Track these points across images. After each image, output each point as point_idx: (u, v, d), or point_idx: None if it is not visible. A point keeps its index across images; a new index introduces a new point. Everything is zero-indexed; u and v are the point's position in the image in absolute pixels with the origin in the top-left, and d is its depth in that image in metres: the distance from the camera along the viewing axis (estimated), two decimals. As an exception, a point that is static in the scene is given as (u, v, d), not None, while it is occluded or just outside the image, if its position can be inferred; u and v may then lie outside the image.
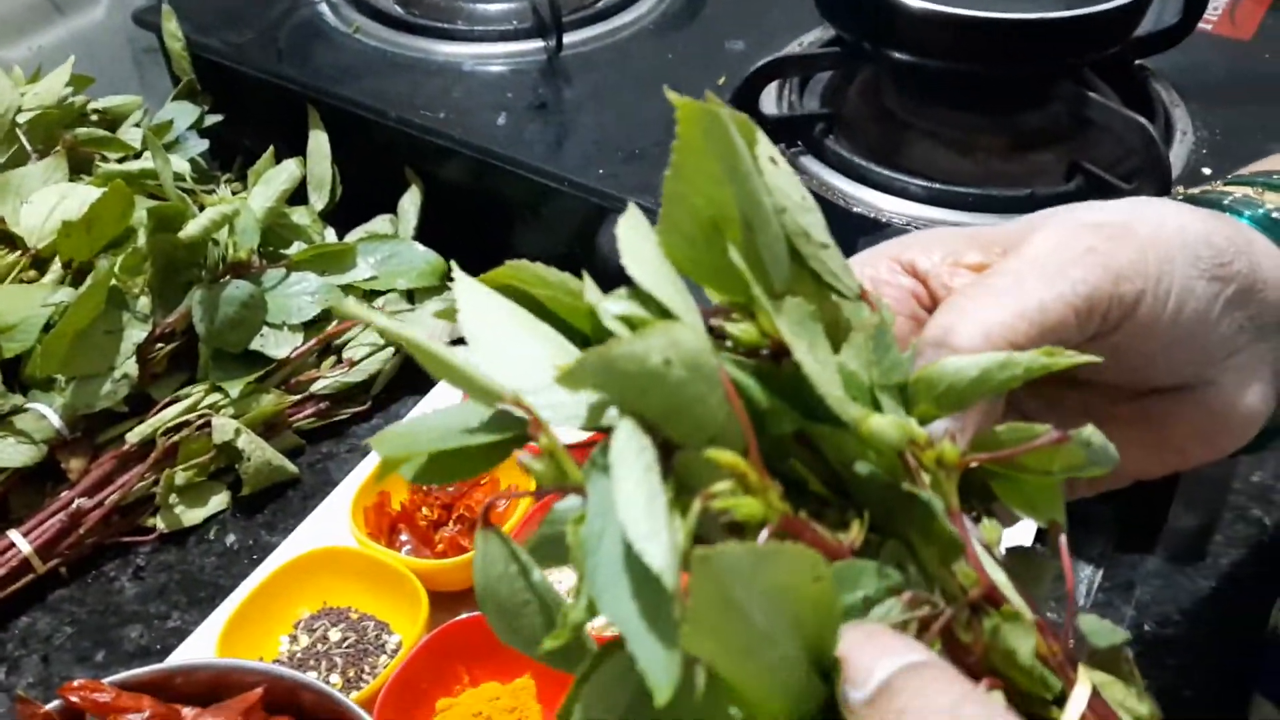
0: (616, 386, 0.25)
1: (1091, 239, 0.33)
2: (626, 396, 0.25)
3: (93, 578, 0.75)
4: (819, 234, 0.30)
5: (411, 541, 0.72)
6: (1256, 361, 0.36)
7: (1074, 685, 0.27)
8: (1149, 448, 0.37)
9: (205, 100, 0.99)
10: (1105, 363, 0.34)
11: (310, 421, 0.82)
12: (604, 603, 0.23)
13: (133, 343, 0.77)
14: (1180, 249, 0.33)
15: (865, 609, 0.26)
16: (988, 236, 0.36)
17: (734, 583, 0.23)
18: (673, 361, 0.25)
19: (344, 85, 0.92)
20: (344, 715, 0.55)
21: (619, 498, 0.23)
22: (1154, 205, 0.35)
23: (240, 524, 0.78)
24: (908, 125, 0.82)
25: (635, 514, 0.23)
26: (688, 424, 0.26)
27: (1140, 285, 0.33)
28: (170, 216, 0.78)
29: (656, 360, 0.24)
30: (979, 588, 0.27)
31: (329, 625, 0.68)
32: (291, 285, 0.82)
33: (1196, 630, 0.67)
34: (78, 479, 0.75)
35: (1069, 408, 0.38)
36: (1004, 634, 0.27)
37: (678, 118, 0.27)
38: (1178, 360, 0.35)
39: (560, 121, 0.87)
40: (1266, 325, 0.36)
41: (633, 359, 0.24)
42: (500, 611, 0.28)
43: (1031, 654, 0.27)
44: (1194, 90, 0.85)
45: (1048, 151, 0.80)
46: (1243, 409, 0.37)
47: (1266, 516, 0.73)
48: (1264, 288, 0.35)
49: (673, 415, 0.25)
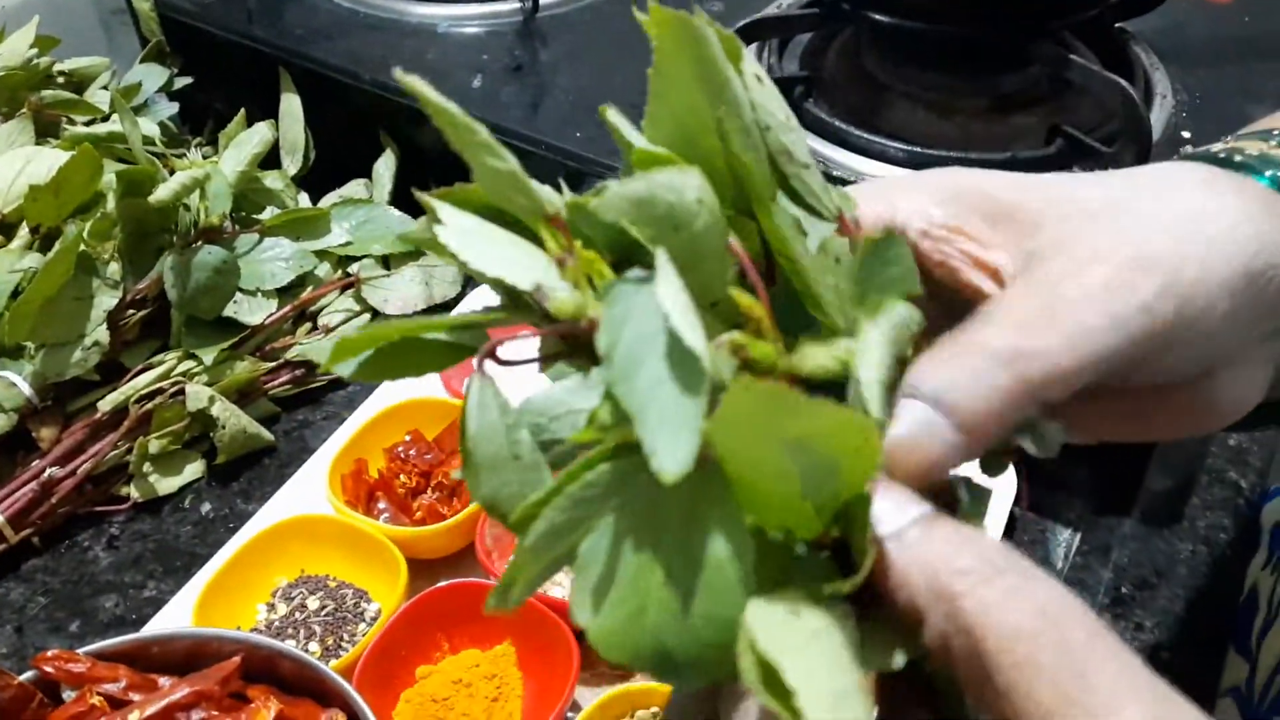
0: (651, 219, 0.25)
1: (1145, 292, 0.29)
2: (661, 233, 0.25)
3: (66, 547, 0.74)
4: (801, 154, 0.29)
5: (389, 509, 0.71)
6: (1258, 354, 0.34)
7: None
8: (1131, 419, 0.36)
9: (175, 62, 0.98)
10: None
11: (286, 389, 0.81)
12: (629, 390, 0.23)
13: (103, 309, 0.76)
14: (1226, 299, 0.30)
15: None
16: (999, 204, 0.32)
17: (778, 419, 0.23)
18: (704, 202, 0.25)
19: (316, 46, 0.91)
20: (322, 683, 0.55)
21: (661, 290, 0.23)
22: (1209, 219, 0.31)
23: (216, 492, 0.77)
24: (887, 88, 0.82)
25: (679, 310, 0.23)
26: (704, 276, 0.26)
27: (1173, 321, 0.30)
28: (139, 181, 0.77)
29: (692, 196, 0.25)
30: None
31: (307, 593, 0.67)
32: (265, 251, 0.81)
33: (1173, 592, 0.67)
34: (49, 448, 0.74)
35: None
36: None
37: (652, 23, 0.27)
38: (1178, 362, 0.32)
39: (537, 84, 0.86)
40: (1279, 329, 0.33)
41: (672, 189, 0.24)
42: (487, 465, 0.27)
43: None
44: (1174, 53, 0.85)
45: (1028, 114, 0.80)
46: (1233, 401, 0.35)
47: (1242, 479, 0.73)
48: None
49: (694, 264, 0.25)
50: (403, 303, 0.83)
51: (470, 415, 0.27)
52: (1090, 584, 0.68)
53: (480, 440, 0.27)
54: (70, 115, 0.88)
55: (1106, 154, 0.72)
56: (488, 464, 0.27)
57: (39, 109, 0.86)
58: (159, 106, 0.94)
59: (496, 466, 0.27)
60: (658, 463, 0.22)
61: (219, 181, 0.80)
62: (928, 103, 0.80)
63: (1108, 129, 0.76)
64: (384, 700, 0.61)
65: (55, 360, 0.74)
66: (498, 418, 0.27)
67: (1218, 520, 0.71)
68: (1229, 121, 0.81)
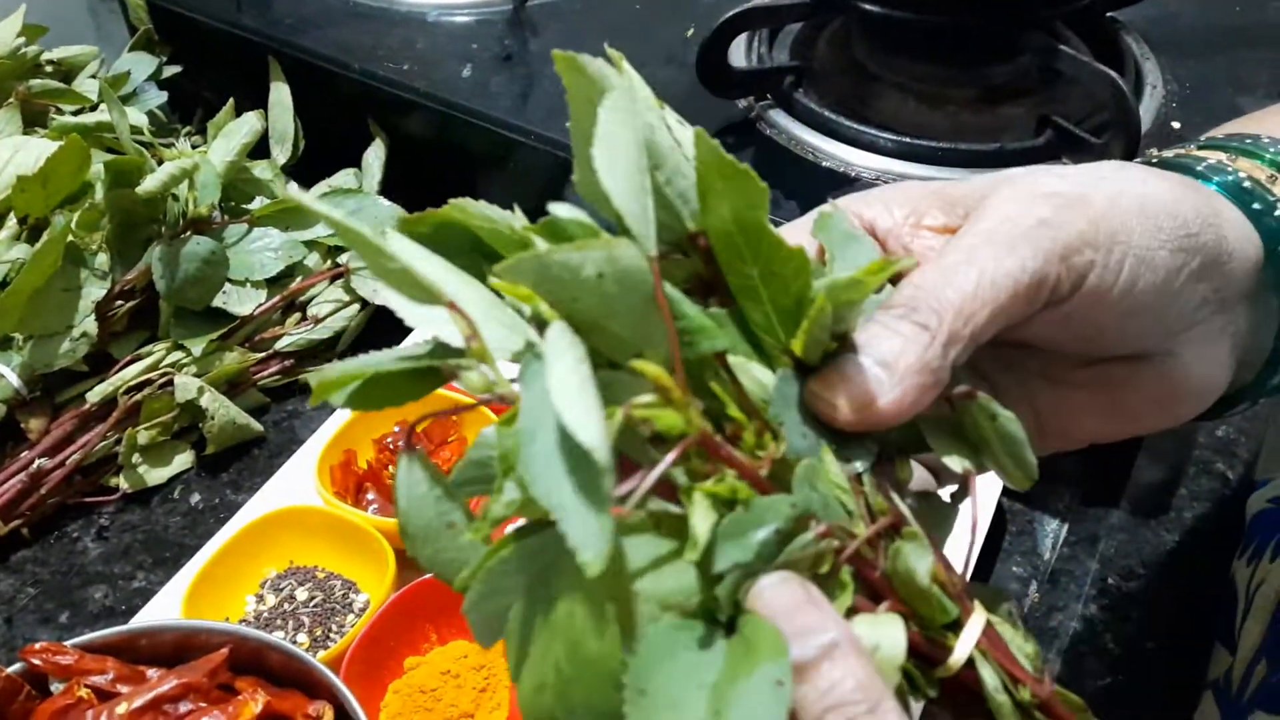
0: (549, 289, 0.25)
1: (1044, 210, 0.32)
2: (559, 301, 0.26)
3: (55, 538, 0.74)
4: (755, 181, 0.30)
5: (378, 500, 0.71)
6: (1218, 333, 0.36)
7: (970, 614, 0.29)
8: (1105, 413, 0.37)
9: (164, 51, 0.97)
10: (1057, 331, 0.34)
11: (275, 379, 0.81)
12: (538, 483, 0.24)
13: (91, 300, 0.76)
14: (1139, 219, 0.33)
15: (779, 543, 0.27)
16: (951, 195, 0.35)
17: None
18: (606, 276, 0.25)
19: (305, 36, 0.90)
20: (310, 675, 0.55)
21: (553, 382, 0.24)
22: (1118, 173, 0.34)
23: (205, 483, 0.77)
24: (877, 78, 0.81)
25: (569, 397, 0.23)
26: (614, 338, 0.26)
27: (1090, 257, 0.32)
28: (128, 171, 0.77)
29: (590, 272, 0.25)
30: (889, 516, 0.29)
31: (296, 585, 0.67)
32: (254, 241, 0.81)
33: (1159, 583, 0.67)
34: (38, 439, 0.74)
35: (1029, 371, 0.38)
36: (904, 554, 0.28)
37: (560, 68, 0.28)
38: (1134, 330, 0.34)
39: (527, 73, 0.86)
40: (1230, 297, 0.35)
41: (566, 267, 0.25)
42: (421, 535, 0.28)
43: (929, 575, 0.28)
44: (1165, 43, 0.85)
45: (1018, 105, 0.80)
46: (1201, 380, 0.36)
47: (1230, 470, 0.73)
48: (1230, 260, 0.35)
49: (600, 326, 0.26)
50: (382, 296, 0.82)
51: (400, 491, 0.28)
52: (1077, 575, 0.68)
53: (412, 514, 0.28)
54: (58, 105, 0.88)
55: (1096, 145, 0.71)
56: (422, 535, 0.28)
57: (27, 98, 0.85)
58: (148, 95, 0.94)
59: (430, 537, 0.28)
60: (580, 556, 0.23)
61: (207, 171, 0.79)
62: (918, 93, 0.80)
63: (1098, 120, 0.76)
64: (372, 691, 0.61)
65: (44, 351, 0.74)
66: (427, 490, 0.28)
67: (1204, 511, 0.71)
68: (1219, 112, 0.81)
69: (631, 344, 0.27)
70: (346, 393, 0.29)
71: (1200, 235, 0.34)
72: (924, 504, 0.33)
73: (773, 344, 0.30)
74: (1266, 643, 0.51)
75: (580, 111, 0.29)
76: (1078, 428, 0.38)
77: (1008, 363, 0.38)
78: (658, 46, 0.86)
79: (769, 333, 0.29)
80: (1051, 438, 0.38)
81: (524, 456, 0.24)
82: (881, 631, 0.27)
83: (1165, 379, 0.36)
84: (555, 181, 0.81)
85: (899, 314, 0.31)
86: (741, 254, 0.29)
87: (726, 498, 0.27)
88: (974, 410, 0.31)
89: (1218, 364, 0.36)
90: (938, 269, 0.31)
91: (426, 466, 0.28)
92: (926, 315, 0.30)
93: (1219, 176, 0.37)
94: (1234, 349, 0.36)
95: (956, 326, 0.30)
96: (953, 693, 0.29)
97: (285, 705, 0.54)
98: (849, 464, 0.30)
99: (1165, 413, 0.37)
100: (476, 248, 0.30)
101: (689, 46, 0.80)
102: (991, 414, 0.31)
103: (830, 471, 0.29)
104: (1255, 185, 0.37)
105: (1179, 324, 0.35)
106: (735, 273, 0.29)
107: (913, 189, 0.36)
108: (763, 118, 0.80)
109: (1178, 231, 0.33)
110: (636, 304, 0.26)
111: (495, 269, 0.25)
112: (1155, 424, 0.37)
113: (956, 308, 0.30)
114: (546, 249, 0.25)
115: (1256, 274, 0.36)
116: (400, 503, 0.28)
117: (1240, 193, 0.37)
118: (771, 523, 0.26)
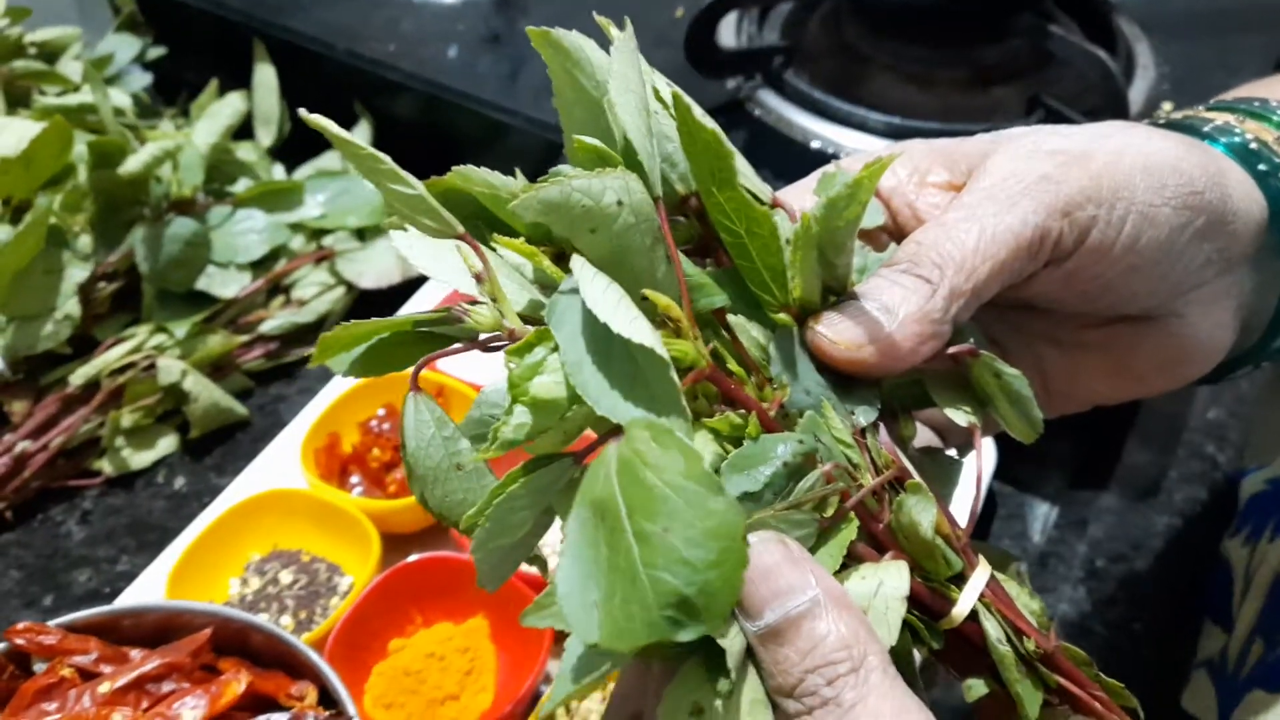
0: (567, 222, 0.25)
1: (1046, 166, 0.32)
2: (575, 233, 0.26)
3: (39, 522, 0.73)
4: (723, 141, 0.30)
5: (363, 483, 0.71)
6: (1222, 294, 0.35)
7: (974, 568, 0.29)
8: (1111, 374, 0.37)
9: (148, 32, 0.96)
10: (1062, 289, 0.33)
11: (260, 363, 0.80)
12: (601, 401, 0.24)
13: (74, 283, 0.75)
14: (1143, 175, 0.32)
15: (787, 477, 0.27)
16: (955, 152, 0.35)
17: None
18: (625, 204, 0.25)
19: (290, 17, 0.90)
20: (294, 656, 0.54)
21: (593, 299, 0.24)
22: (1122, 131, 0.34)
23: (189, 467, 0.76)
24: (868, 59, 0.81)
25: (611, 308, 0.24)
26: (627, 272, 0.26)
27: (1093, 212, 0.32)
28: (110, 152, 0.76)
29: (610, 199, 0.25)
30: (893, 469, 0.29)
31: (280, 568, 0.67)
32: (238, 223, 0.80)
33: (1148, 565, 0.67)
34: (20, 422, 0.73)
35: (1036, 334, 0.37)
36: (908, 507, 0.28)
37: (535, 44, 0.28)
38: (1138, 289, 0.34)
39: (514, 54, 0.85)
40: (1235, 258, 0.35)
41: (589, 193, 0.25)
42: (431, 477, 0.28)
43: (932, 528, 0.28)
44: (1158, 24, 0.85)
45: (1009, 86, 0.79)
46: (1206, 341, 0.36)
47: (1219, 453, 0.73)
48: (1234, 220, 0.34)
49: (614, 260, 0.26)
50: (378, 276, 0.82)
51: (408, 432, 0.28)
52: (1066, 557, 0.68)
53: (420, 455, 0.28)
54: (41, 86, 0.87)
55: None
56: (431, 477, 0.28)
57: (10, 80, 0.85)
58: (133, 77, 0.93)
59: (439, 478, 0.28)
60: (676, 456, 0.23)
61: (190, 153, 0.79)
62: (909, 74, 0.79)
63: (1089, 101, 0.76)
64: (356, 674, 0.60)
65: (26, 334, 0.74)
66: (435, 431, 0.28)
67: (1194, 493, 0.71)
68: (1211, 93, 0.80)
69: (641, 281, 0.27)
70: (350, 359, 0.29)
71: (1205, 194, 0.33)
72: (929, 459, 0.34)
73: (770, 301, 0.29)
74: (1263, 621, 0.51)
75: (562, 83, 0.28)
76: (1084, 389, 0.38)
77: (1015, 325, 0.37)
78: (646, 27, 0.85)
79: (765, 290, 0.29)
80: (1057, 399, 0.38)
81: (578, 380, 0.24)
82: (885, 572, 0.27)
83: (1170, 340, 0.36)
84: (544, 163, 0.80)
85: (902, 268, 0.31)
86: (726, 213, 0.28)
87: (730, 435, 0.27)
88: (979, 367, 0.31)
89: (1222, 325, 0.36)
90: (940, 225, 0.31)
91: (431, 409, 0.28)
92: (929, 269, 0.30)
93: (1226, 138, 0.37)
94: (1238, 311, 0.36)
95: (958, 281, 0.30)
96: (957, 645, 0.29)
97: (268, 685, 0.54)
98: (852, 417, 0.29)
99: (1169, 374, 0.37)
100: (479, 215, 0.30)
101: (678, 27, 0.80)
102: (996, 371, 0.31)
103: (833, 423, 0.28)
104: (1262, 146, 0.36)
105: (1183, 284, 0.34)
106: (726, 231, 0.29)
107: (917, 147, 0.36)
108: (752, 98, 0.79)
109: (1182, 189, 0.33)
110: (649, 241, 0.26)
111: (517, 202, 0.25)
112: (1160, 385, 0.37)
113: (958, 262, 0.30)
114: (569, 172, 0.25)
115: (1261, 235, 0.36)
116: (408, 444, 0.28)
117: (1247, 154, 0.36)
118: (779, 456, 0.26)
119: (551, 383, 0.25)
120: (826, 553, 0.27)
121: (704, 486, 0.22)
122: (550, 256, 0.27)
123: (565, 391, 0.25)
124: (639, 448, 0.23)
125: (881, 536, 0.28)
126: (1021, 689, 0.29)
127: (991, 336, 0.37)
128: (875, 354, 0.29)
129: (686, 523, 0.22)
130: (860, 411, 0.29)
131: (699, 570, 0.22)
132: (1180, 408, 0.76)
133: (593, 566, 0.23)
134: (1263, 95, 0.39)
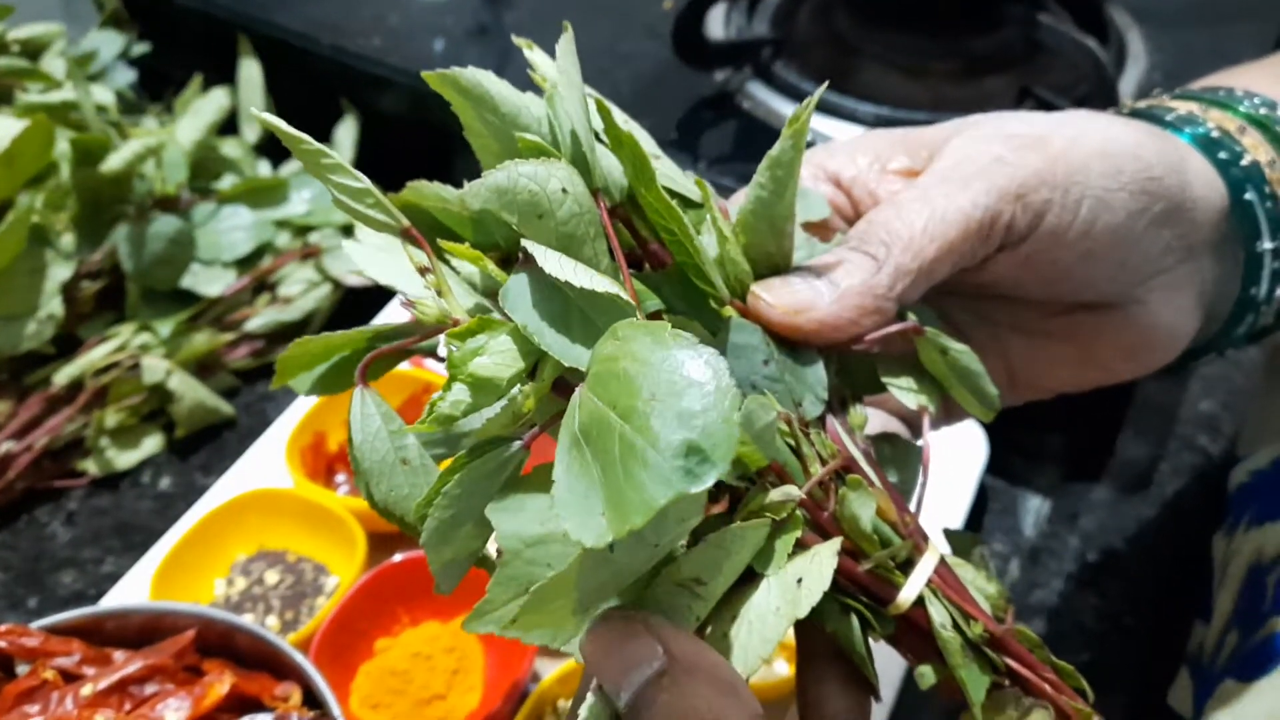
0: (514, 207, 0.26)
1: (1001, 149, 0.32)
2: (524, 220, 0.26)
3: (24, 523, 0.73)
4: (648, 145, 0.31)
5: (349, 482, 0.70)
6: (1184, 281, 0.35)
7: (922, 554, 0.29)
8: (1075, 362, 0.37)
9: (132, 28, 0.95)
10: (1020, 272, 0.33)
11: (246, 361, 0.80)
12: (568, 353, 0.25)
13: (57, 282, 0.74)
14: (1099, 160, 0.32)
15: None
16: (914, 139, 0.35)
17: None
18: (569, 192, 0.26)
19: (275, 12, 0.89)
20: (278, 657, 0.54)
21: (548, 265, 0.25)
22: (1083, 118, 0.34)
23: (175, 467, 0.76)
24: (858, 50, 0.80)
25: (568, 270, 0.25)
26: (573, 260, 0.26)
27: (1046, 196, 0.32)
28: (93, 150, 0.75)
29: (555, 186, 0.26)
30: (837, 460, 0.29)
31: (265, 568, 0.66)
32: (223, 220, 0.80)
33: (1140, 559, 0.67)
34: (4, 422, 0.73)
35: (1001, 323, 0.37)
36: (849, 501, 0.28)
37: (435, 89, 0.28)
38: (1097, 274, 0.34)
39: (500, 48, 0.84)
40: (1195, 245, 0.35)
41: (535, 179, 0.25)
42: (375, 471, 0.28)
43: (870, 521, 0.28)
44: (1150, 13, 0.84)
45: (999, 76, 0.78)
46: (1169, 328, 0.36)
47: (1212, 446, 0.73)
48: (1194, 207, 0.34)
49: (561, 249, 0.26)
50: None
51: (354, 426, 0.28)
52: (1058, 551, 0.67)
53: (366, 449, 0.28)
54: (24, 84, 0.86)
55: (1077, 116, 0.70)
56: (376, 471, 0.28)
57: (-8, 77, 0.84)
58: (117, 74, 0.92)
59: (384, 473, 0.28)
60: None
61: (174, 150, 0.78)
62: (899, 65, 0.79)
63: (1081, 91, 0.75)
64: (342, 674, 0.60)
65: (9, 333, 0.73)
66: (380, 426, 0.28)
67: (1186, 487, 0.70)
68: (1203, 83, 0.80)
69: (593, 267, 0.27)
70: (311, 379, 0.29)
71: (1163, 180, 0.33)
72: (888, 445, 0.34)
73: (714, 294, 0.29)
74: (1237, 612, 0.51)
75: (470, 119, 0.29)
76: (1049, 377, 0.38)
77: (980, 314, 0.37)
78: (634, 19, 0.85)
79: (708, 284, 0.29)
80: (1024, 388, 0.38)
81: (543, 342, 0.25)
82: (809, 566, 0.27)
83: (1132, 327, 0.36)
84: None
85: (850, 246, 0.31)
86: (658, 212, 0.28)
87: None
88: (925, 345, 0.31)
89: (1184, 312, 0.36)
90: (892, 205, 0.31)
91: (378, 404, 0.28)
92: (875, 246, 0.31)
93: (1189, 128, 0.37)
94: (1200, 298, 0.36)
95: (904, 260, 0.30)
96: (907, 631, 0.29)
97: (253, 687, 0.53)
98: (798, 409, 0.29)
99: (1133, 361, 0.37)
100: (434, 228, 0.30)
101: (666, 19, 0.79)
102: (942, 348, 0.31)
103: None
104: (1224, 135, 0.36)
105: (1143, 270, 0.34)
106: (664, 230, 0.29)
107: (878, 137, 0.36)
108: (741, 90, 0.78)
109: (1139, 175, 0.33)
110: (591, 233, 0.27)
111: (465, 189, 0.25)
112: (1124, 373, 0.37)
113: (905, 241, 0.30)
114: (513, 162, 0.25)
115: (1222, 223, 0.36)
116: (354, 438, 0.28)
117: (1209, 143, 0.36)
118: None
119: (491, 364, 0.25)
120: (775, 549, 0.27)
121: (676, 346, 0.23)
122: (496, 262, 0.27)
123: (505, 372, 0.25)
124: (605, 353, 0.24)
125: (827, 525, 0.29)
126: (966, 674, 0.29)
127: (956, 325, 0.38)
128: (813, 321, 0.29)
129: (670, 382, 0.22)
130: (808, 402, 0.29)
131: (697, 415, 0.22)
132: (1173, 400, 0.75)
133: (588, 486, 0.23)
134: (1229, 84, 0.39)
